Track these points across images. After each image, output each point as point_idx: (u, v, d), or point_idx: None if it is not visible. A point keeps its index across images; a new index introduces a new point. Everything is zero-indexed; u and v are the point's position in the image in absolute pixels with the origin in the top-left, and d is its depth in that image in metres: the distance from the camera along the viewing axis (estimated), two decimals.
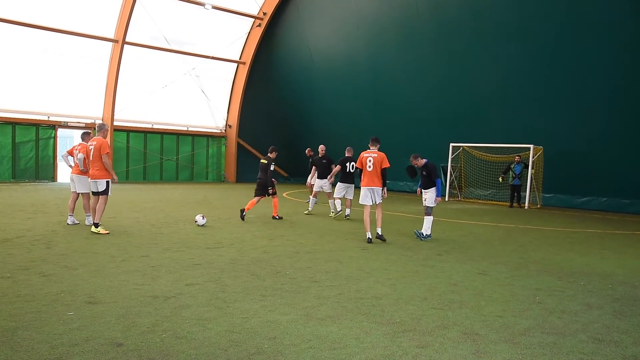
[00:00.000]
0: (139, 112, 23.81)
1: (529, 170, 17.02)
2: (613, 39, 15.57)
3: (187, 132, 25.71)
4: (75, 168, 9.64)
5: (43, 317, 4.27)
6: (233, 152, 26.69)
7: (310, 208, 13.09)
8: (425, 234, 9.30)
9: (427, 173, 9.38)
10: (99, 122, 21.58)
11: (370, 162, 8.91)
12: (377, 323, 4.41)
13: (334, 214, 12.33)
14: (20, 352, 3.55)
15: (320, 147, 13.36)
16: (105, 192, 8.74)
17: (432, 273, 6.52)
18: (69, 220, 9.57)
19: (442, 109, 20.46)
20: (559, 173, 17.49)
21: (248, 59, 26.04)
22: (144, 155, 24.22)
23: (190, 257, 6.98)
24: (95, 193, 8.85)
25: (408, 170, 9.95)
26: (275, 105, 27.12)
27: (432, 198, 9.32)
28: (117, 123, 22.73)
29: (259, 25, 25.69)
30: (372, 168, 8.89)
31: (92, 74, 22.11)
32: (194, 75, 24.88)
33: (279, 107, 27.03)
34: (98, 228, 8.61)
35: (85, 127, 21.48)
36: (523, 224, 12.51)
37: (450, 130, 19.93)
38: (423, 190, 9.54)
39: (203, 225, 9.92)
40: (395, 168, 9.54)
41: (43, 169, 21.39)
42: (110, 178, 8.86)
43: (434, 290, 5.62)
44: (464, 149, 19.26)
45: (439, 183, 9.39)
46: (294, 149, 24.96)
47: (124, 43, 21.81)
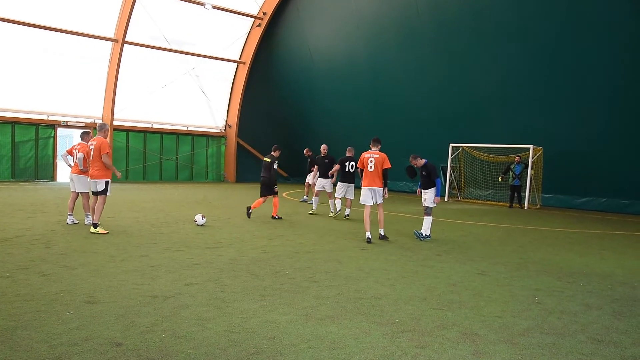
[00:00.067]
0: (139, 111, 23.80)
1: (529, 171, 17.02)
2: (613, 39, 15.57)
3: (186, 131, 25.70)
4: (75, 167, 9.65)
5: (42, 316, 4.27)
6: (233, 152, 26.68)
7: (315, 208, 13.11)
8: (425, 234, 9.31)
9: (426, 173, 9.39)
10: (100, 122, 21.53)
11: (372, 162, 8.94)
12: (376, 323, 4.41)
13: (334, 214, 12.39)
14: (20, 351, 3.55)
15: (323, 146, 13.39)
16: (104, 192, 8.74)
17: (431, 273, 6.53)
18: (69, 220, 9.57)
19: (442, 109, 20.46)
20: (559, 173, 17.48)
21: (248, 59, 26.03)
22: (144, 155, 24.22)
23: (190, 257, 6.98)
24: (95, 193, 8.86)
25: (408, 171, 9.95)
26: (275, 105, 27.11)
27: (431, 198, 9.33)
28: (116, 123, 22.73)
29: (259, 25, 25.68)
30: (373, 168, 8.93)
31: (91, 74, 22.10)
32: (194, 75, 24.88)
33: (279, 107, 27.02)
34: (97, 228, 8.61)
35: (85, 126, 21.47)
36: (522, 225, 12.51)
37: (450, 131, 19.92)
38: (423, 191, 9.55)
39: (202, 225, 9.92)
40: (395, 168, 9.55)
41: (42, 169, 21.38)
42: (110, 178, 8.85)
43: (434, 291, 5.62)
44: (464, 149, 19.26)
45: (439, 183, 9.40)
46: (294, 149, 24.95)
47: (124, 43, 21.80)
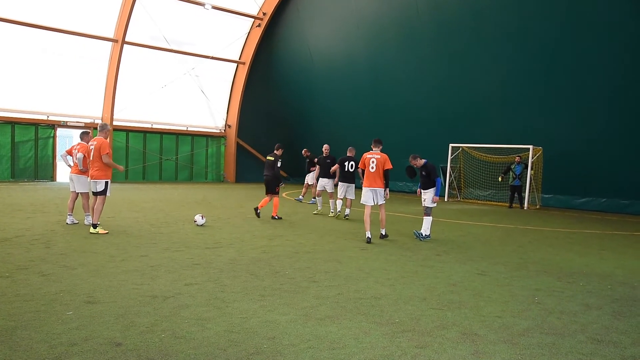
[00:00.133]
0: (139, 111, 23.81)
1: (528, 171, 17.01)
2: (613, 39, 15.57)
3: (186, 132, 25.71)
4: (75, 168, 9.64)
5: (42, 316, 4.26)
6: (232, 152, 26.69)
7: (320, 207, 13.09)
8: (425, 235, 9.31)
9: (426, 173, 9.40)
10: (101, 122, 21.53)
11: (373, 163, 8.98)
12: (376, 323, 4.41)
13: (334, 214, 12.41)
14: (19, 351, 3.55)
15: (325, 146, 13.41)
16: (104, 192, 8.73)
17: (431, 273, 6.53)
18: (68, 220, 9.57)
19: (441, 109, 20.46)
20: (559, 173, 17.48)
21: (248, 59, 26.03)
22: (144, 155, 24.22)
23: (190, 257, 6.98)
24: (95, 193, 8.85)
25: (407, 171, 9.96)
26: (275, 106, 27.11)
27: (431, 198, 9.34)
28: (116, 123, 22.73)
29: (259, 26, 25.69)
30: (375, 169, 8.97)
31: (91, 74, 22.11)
32: (194, 75, 24.88)
33: (279, 107, 27.02)
34: (97, 228, 8.60)
35: (85, 126, 21.48)
36: (522, 225, 12.51)
37: (450, 131, 19.92)
38: (422, 191, 9.55)
39: (202, 225, 9.92)
40: (395, 168, 9.55)
41: (42, 169, 21.38)
42: (110, 179, 8.84)
43: (433, 291, 5.62)
44: (464, 150, 19.26)
45: (439, 182, 9.40)
46: (294, 149, 24.94)
47: (124, 43, 21.81)
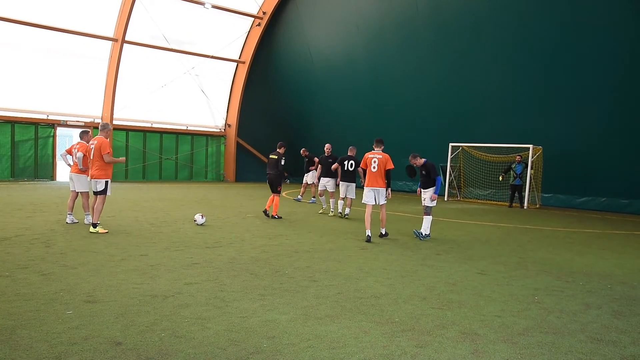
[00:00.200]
0: (139, 111, 23.81)
1: (528, 170, 17.01)
2: (613, 39, 15.58)
3: (186, 131, 25.71)
4: (74, 167, 9.64)
5: (42, 316, 4.26)
6: (232, 151, 26.68)
7: (325, 206, 13.07)
8: (425, 234, 9.31)
9: (426, 172, 9.40)
10: (102, 121, 21.52)
11: (375, 163, 9.00)
12: (376, 322, 4.42)
13: (333, 213, 12.45)
14: (19, 350, 3.55)
15: (327, 145, 13.43)
16: (104, 192, 8.72)
17: (431, 273, 6.53)
18: (68, 219, 9.57)
19: (441, 109, 20.45)
20: (558, 173, 17.48)
21: (248, 59, 26.02)
22: (143, 155, 24.21)
23: (189, 256, 6.98)
24: (95, 192, 8.85)
25: (407, 170, 9.97)
26: (275, 105, 27.10)
27: (434, 199, 9.33)
28: (116, 122, 22.72)
29: (259, 25, 25.68)
30: (376, 169, 9.00)
31: (91, 73, 22.10)
32: (194, 75, 24.87)
33: (279, 106, 27.01)
34: (96, 228, 8.59)
35: (85, 125, 21.48)
36: (522, 224, 12.52)
37: (450, 130, 19.92)
38: (422, 190, 9.56)
39: (202, 225, 9.92)
40: (395, 168, 9.53)
41: (42, 168, 21.37)
42: (110, 178, 8.83)
43: (433, 290, 5.62)
44: (463, 149, 19.26)
45: (439, 180, 9.41)
46: (294, 149, 24.95)
47: (124, 42, 21.80)
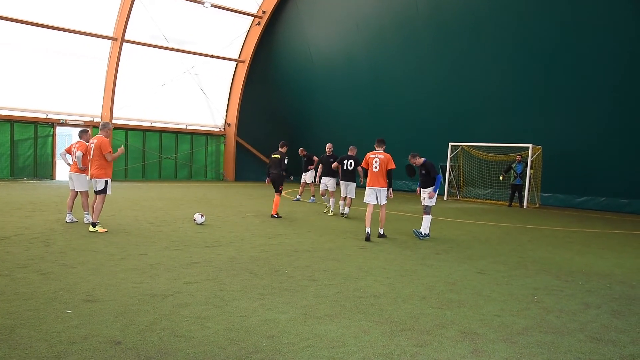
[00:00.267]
0: (138, 110, 23.77)
1: (528, 170, 17.01)
2: (613, 39, 15.58)
3: (186, 130, 25.68)
4: (74, 166, 9.64)
5: (41, 315, 4.26)
6: (232, 150, 26.67)
7: (329, 205, 12.97)
8: (424, 233, 9.31)
9: (425, 172, 9.41)
10: (102, 120, 21.50)
11: (377, 162, 9.01)
12: (375, 322, 4.42)
13: (332, 212, 12.49)
14: (19, 350, 3.54)
15: (328, 145, 13.42)
16: (104, 191, 8.71)
17: (430, 272, 6.53)
18: (68, 218, 9.56)
19: (441, 109, 20.45)
20: (558, 173, 17.48)
21: (247, 58, 26.00)
22: (143, 154, 24.20)
23: (189, 255, 6.98)
24: (95, 192, 8.84)
25: (407, 170, 9.97)
26: (275, 104, 27.09)
27: (432, 197, 9.33)
28: (115, 121, 22.68)
29: (259, 24, 25.65)
30: (378, 169, 9.01)
31: (91, 72, 22.07)
32: (193, 74, 24.85)
33: (278, 106, 27.00)
34: (96, 227, 8.59)
35: (84, 125, 21.47)
36: (522, 224, 12.52)
37: (450, 130, 19.92)
38: (422, 190, 9.56)
39: (202, 224, 9.91)
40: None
41: (41, 167, 21.35)
42: (110, 177, 8.81)
43: (433, 289, 5.62)
44: (463, 148, 19.26)
45: (439, 179, 9.40)
46: (294, 148, 24.92)
47: (123, 41, 21.78)
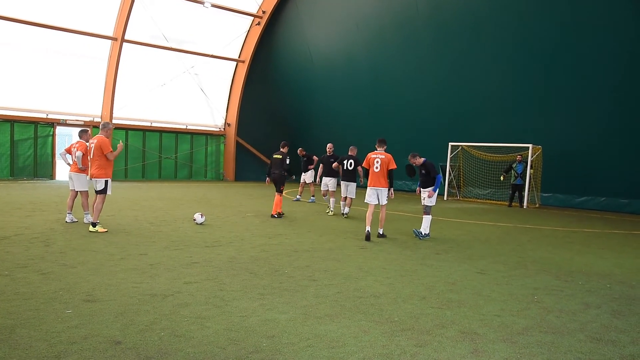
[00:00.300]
0: (138, 110, 23.76)
1: (528, 169, 17.00)
2: (613, 39, 15.58)
3: (185, 130, 25.67)
4: (74, 166, 9.65)
5: (41, 315, 4.26)
6: (232, 150, 26.66)
7: (331, 206, 12.93)
8: (424, 233, 9.31)
9: (425, 171, 9.41)
10: (102, 120, 21.48)
11: (378, 163, 9.02)
12: (375, 322, 4.42)
13: (332, 212, 12.49)
14: (19, 350, 3.54)
15: (329, 145, 13.41)
16: (104, 191, 8.71)
17: (430, 272, 6.53)
18: (68, 218, 9.56)
19: (441, 109, 20.45)
20: (558, 173, 17.48)
21: (247, 58, 26.00)
22: (143, 154, 24.19)
23: (189, 255, 6.98)
24: (96, 191, 8.84)
25: (407, 170, 9.97)
26: (275, 104, 27.08)
27: (431, 196, 9.33)
28: (115, 121, 22.64)
29: (258, 24, 25.65)
30: (379, 169, 9.01)
31: (91, 72, 22.06)
32: (193, 74, 24.84)
33: (278, 105, 26.99)
34: (96, 227, 8.58)
35: (84, 124, 21.46)
36: (521, 224, 12.52)
37: (450, 130, 19.91)
38: (422, 190, 9.56)
39: (202, 224, 9.91)
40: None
41: (41, 167, 21.34)
42: (110, 177, 8.82)
43: (433, 289, 5.62)
44: (463, 148, 19.26)
45: (439, 179, 9.41)
46: (293, 148, 24.91)
47: (123, 41, 21.77)
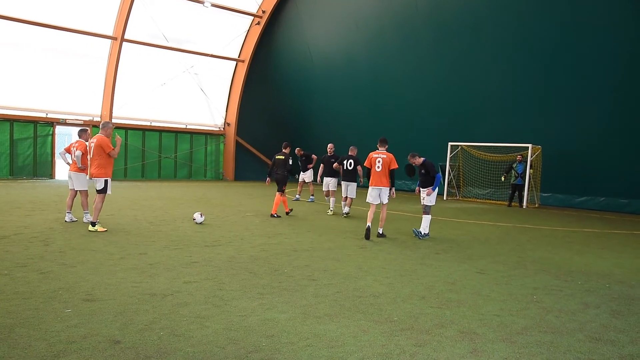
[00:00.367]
0: (138, 109, 23.74)
1: (527, 169, 17.00)
2: (613, 39, 15.58)
3: (185, 129, 25.66)
4: (73, 165, 9.64)
5: (41, 314, 4.26)
6: (231, 150, 26.65)
7: (332, 206, 12.89)
8: (424, 233, 9.32)
9: (425, 171, 9.42)
10: (102, 120, 21.46)
11: (379, 162, 9.03)
12: (374, 321, 4.42)
13: (332, 212, 12.50)
14: (18, 349, 3.54)
15: (329, 145, 13.41)
16: (104, 190, 8.71)
17: (430, 272, 6.53)
18: (67, 218, 9.56)
19: (441, 109, 20.45)
20: (558, 172, 17.49)
21: (247, 57, 25.99)
22: (142, 153, 24.18)
23: (188, 254, 6.98)
24: (96, 191, 8.84)
25: (406, 169, 9.97)
26: (274, 104, 27.08)
27: (430, 196, 9.34)
28: (115, 120, 22.62)
29: (258, 24, 25.64)
30: (380, 169, 9.03)
31: (90, 71, 22.04)
32: (193, 73, 24.83)
33: (278, 105, 26.99)
34: (95, 227, 8.58)
35: (84, 124, 21.46)
36: (521, 223, 12.52)
37: (449, 130, 19.92)
38: (421, 189, 9.56)
39: (201, 223, 9.91)
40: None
41: (41, 166, 21.33)
42: (110, 177, 8.81)
43: (432, 289, 5.62)
44: (463, 148, 19.27)
45: (439, 178, 9.42)
46: (293, 148, 24.92)
47: (123, 40, 21.76)
